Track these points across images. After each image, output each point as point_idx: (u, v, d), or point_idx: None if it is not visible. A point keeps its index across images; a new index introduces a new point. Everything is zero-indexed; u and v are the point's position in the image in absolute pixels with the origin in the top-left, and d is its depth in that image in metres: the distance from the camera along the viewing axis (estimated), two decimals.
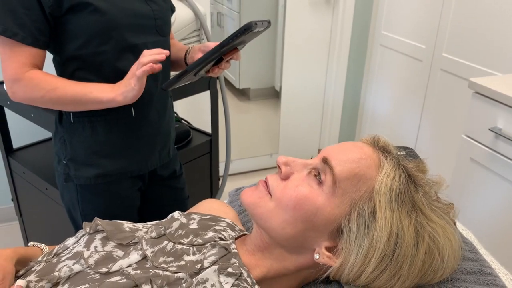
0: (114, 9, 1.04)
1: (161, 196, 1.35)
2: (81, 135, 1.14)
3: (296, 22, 2.58)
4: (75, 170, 1.17)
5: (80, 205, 1.21)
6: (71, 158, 1.17)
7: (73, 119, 1.13)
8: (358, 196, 0.66)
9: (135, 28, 1.09)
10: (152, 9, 1.12)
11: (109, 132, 1.15)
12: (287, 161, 0.72)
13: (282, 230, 0.68)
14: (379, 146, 0.72)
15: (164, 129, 1.25)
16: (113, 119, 1.14)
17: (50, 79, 1.04)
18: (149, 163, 1.24)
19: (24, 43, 1.01)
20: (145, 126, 1.18)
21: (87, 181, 1.17)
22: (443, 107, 2.18)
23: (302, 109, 2.82)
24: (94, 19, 1.02)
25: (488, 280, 0.70)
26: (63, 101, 1.04)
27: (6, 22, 0.98)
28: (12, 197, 1.83)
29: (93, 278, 0.66)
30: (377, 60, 2.64)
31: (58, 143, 1.19)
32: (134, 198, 1.27)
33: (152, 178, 1.30)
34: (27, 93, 1.04)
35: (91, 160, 1.16)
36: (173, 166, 1.36)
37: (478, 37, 1.93)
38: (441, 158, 2.21)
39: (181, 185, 1.41)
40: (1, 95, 1.55)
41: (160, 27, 1.15)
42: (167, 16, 1.19)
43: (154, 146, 1.23)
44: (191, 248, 0.72)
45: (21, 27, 0.99)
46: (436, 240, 0.65)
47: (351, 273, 0.66)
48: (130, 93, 1.01)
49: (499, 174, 1.46)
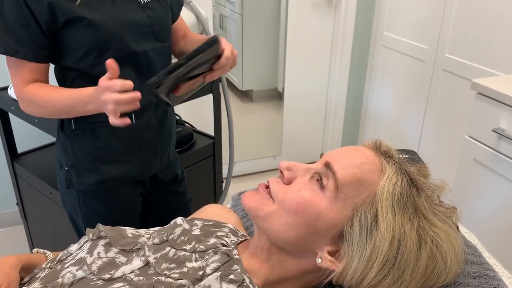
0: (109, 20, 1.04)
1: (163, 201, 1.35)
2: (82, 141, 1.15)
3: (298, 23, 2.58)
4: (76, 176, 1.18)
5: (82, 211, 1.21)
6: (73, 164, 1.17)
7: (74, 126, 1.14)
8: (361, 201, 0.66)
9: (132, 37, 1.08)
10: (148, 16, 1.11)
11: (110, 139, 1.15)
12: (290, 165, 0.72)
13: (284, 233, 0.69)
14: (381, 151, 0.72)
15: (165, 134, 1.25)
16: (114, 126, 1.14)
17: (42, 93, 1.05)
18: (150, 168, 1.24)
19: (26, 59, 1.02)
20: (146, 132, 1.19)
21: (89, 187, 1.18)
22: (446, 108, 2.17)
23: (305, 110, 2.82)
24: (89, 32, 1.02)
25: (491, 284, 0.70)
26: (57, 113, 1.07)
27: (7, 41, 1.00)
28: (17, 201, 1.85)
29: (96, 284, 0.66)
30: (379, 61, 2.63)
31: (60, 150, 1.20)
32: (135, 203, 1.27)
33: (154, 183, 1.30)
34: (29, 107, 1.08)
35: (92, 166, 1.16)
36: (174, 170, 1.36)
37: (480, 37, 1.92)
38: (444, 159, 2.20)
39: (183, 189, 1.41)
40: (6, 101, 1.56)
41: (158, 33, 1.14)
42: (166, 21, 1.18)
43: (155, 152, 1.24)
44: (193, 255, 0.72)
45: (22, 44, 1.01)
46: (439, 245, 0.65)
47: (353, 278, 0.66)
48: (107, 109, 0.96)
49: (503, 175, 1.45)
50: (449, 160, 2.14)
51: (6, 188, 2.18)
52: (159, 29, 1.14)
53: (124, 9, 1.08)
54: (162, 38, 1.16)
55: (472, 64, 1.98)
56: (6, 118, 1.67)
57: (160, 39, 1.15)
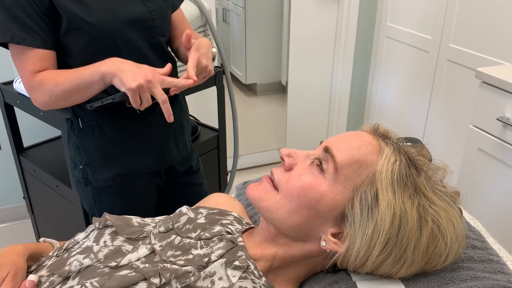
0: (108, 19, 1.03)
1: (178, 193, 1.35)
2: (91, 139, 1.15)
3: (301, 15, 2.57)
4: (92, 173, 1.17)
5: (97, 205, 1.22)
6: (87, 162, 1.17)
7: (81, 124, 1.14)
8: (360, 181, 0.67)
9: (133, 35, 1.07)
10: (148, 10, 1.09)
11: (118, 133, 1.15)
12: (290, 152, 0.74)
13: (288, 219, 0.69)
14: (378, 133, 0.73)
15: (175, 120, 1.23)
16: (119, 120, 1.14)
17: (51, 76, 1.02)
18: (168, 158, 1.23)
19: (33, 46, 1.00)
20: (153, 120, 1.18)
21: (106, 182, 1.18)
22: (450, 97, 2.16)
23: (309, 103, 2.81)
24: (90, 36, 1.02)
25: (495, 268, 0.70)
26: (67, 94, 1.02)
27: (12, 29, 0.98)
28: (24, 195, 1.86)
29: (103, 272, 0.67)
30: (383, 52, 2.62)
31: (72, 149, 1.20)
32: (150, 195, 1.27)
33: (169, 174, 1.30)
34: (41, 97, 1.04)
35: (105, 162, 1.16)
36: (189, 161, 1.35)
37: (484, 26, 1.91)
38: (449, 148, 2.20)
39: (200, 180, 1.40)
40: (11, 95, 1.57)
41: (159, 28, 1.13)
42: (167, 14, 1.16)
43: (168, 139, 1.23)
44: (198, 242, 0.73)
45: (27, 31, 0.99)
46: (439, 223, 0.65)
47: (357, 258, 0.67)
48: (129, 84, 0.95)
49: (508, 164, 1.45)
50: (454, 150, 2.14)
51: (13, 182, 2.20)
52: (159, 23, 1.13)
53: (125, 3, 1.07)
54: (163, 33, 1.15)
55: (476, 54, 1.97)
56: (12, 112, 1.68)
57: (161, 34, 1.14)
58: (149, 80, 0.94)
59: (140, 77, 0.94)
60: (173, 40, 1.25)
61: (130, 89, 0.93)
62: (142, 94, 0.95)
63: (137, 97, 0.95)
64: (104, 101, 1.03)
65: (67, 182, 1.51)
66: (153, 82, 0.95)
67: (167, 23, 1.17)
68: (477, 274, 0.67)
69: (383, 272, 0.67)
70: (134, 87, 0.93)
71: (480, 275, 0.68)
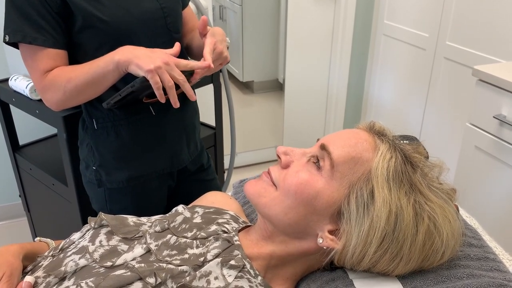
0: (122, 16, 1.02)
1: (190, 191, 1.34)
2: (106, 140, 1.13)
3: (298, 12, 2.56)
4: (106, 175, 1.16)
5: (108, 206, 1.21)
6: (101, 164, 1.16)
7: (96, 125, 1.13)
8: (356, 178, 0.67)
9: (146, 31, 1.07)
10: (161, 6, 1.09)
11: (134, 134, 1.14)
12: (286, 150, 0.74)
13: (285, 216, 0.70)
14: (374, 130, 0.73)
15: (188, 121, 1.23)
16: (135, 121, 1.13)
17: (64, 72, 1.01)
18: (180, 159, 1.23)
19: (45, 46, 0.99)
20: (167, 121, 1.17)
21: (120, 184, 1.17)
22: (447, 95, 2.16)
23: (306, 100, 2.81)
24: (104, 34, 1.01)
25: (492, 266, 0.70)
26: (81, 88, 1.01)
27: (23, 29, 0.97)
28: (19, 193, 1.85)
29: (98, 272, 0.67)
30: (380, 50, 2.62)
31: (85, 150, 1.18)
32: (162, 196, 1.26)
33: (181, 174, 1.29)
34: (54, 96, 1.03)
35: (120, 164, 1.15)
36: (200, 159, 1.34)
37: (481, 24, 1.91)
38: (446, 146, 2.20)
39: (211, 176, 1.39)
40: (7, 92, 1.57)
41: (171, 24, 1.12)
42: (178, 10, 1.16)
43: (181, 141, 1.22)
44: (194, 242, 0.73)
45: (39, 31, 0.98)
46: (435, 220, 0.65)
47: (354, 255, 0.67)
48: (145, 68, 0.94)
49: (504, 162, 1.45)
50: (451, 148, 2.14)
51: (9, 180, 2.19)
52: (172, 20, 1.12)
53: (138, 0, 1.06)
54: (176, 29, 1.15)
55: (473, 52, 1.97)
56: (7, 110, 1.67)
57: (173, 30, 1.14)
58: (166, 62, 0.94)
59: (157, 60, 0.94)
60: (183, 36, 1.25)
61: (149, 71, 0.92)
62: (162, 75, 0.94)
63: (157, 78, 0.93)
64: (123, 93, 1.00)
65: (63, 180, 1.50)
66: (170, 63, 0.95)
67: (179, 20, 1.17)
68: (473, 272, 0.68)
69: (380, 269, 0.68)
70: (153, 68, 0.92)
71: (477, 273, 0.68)
